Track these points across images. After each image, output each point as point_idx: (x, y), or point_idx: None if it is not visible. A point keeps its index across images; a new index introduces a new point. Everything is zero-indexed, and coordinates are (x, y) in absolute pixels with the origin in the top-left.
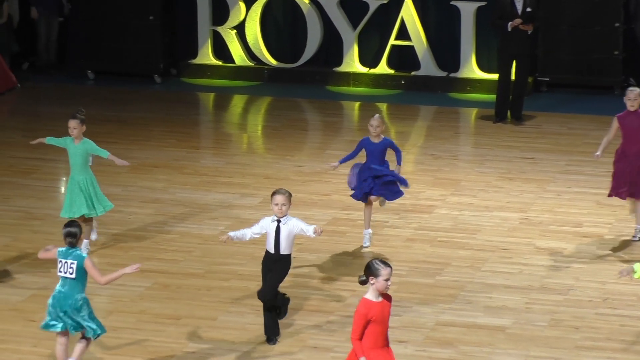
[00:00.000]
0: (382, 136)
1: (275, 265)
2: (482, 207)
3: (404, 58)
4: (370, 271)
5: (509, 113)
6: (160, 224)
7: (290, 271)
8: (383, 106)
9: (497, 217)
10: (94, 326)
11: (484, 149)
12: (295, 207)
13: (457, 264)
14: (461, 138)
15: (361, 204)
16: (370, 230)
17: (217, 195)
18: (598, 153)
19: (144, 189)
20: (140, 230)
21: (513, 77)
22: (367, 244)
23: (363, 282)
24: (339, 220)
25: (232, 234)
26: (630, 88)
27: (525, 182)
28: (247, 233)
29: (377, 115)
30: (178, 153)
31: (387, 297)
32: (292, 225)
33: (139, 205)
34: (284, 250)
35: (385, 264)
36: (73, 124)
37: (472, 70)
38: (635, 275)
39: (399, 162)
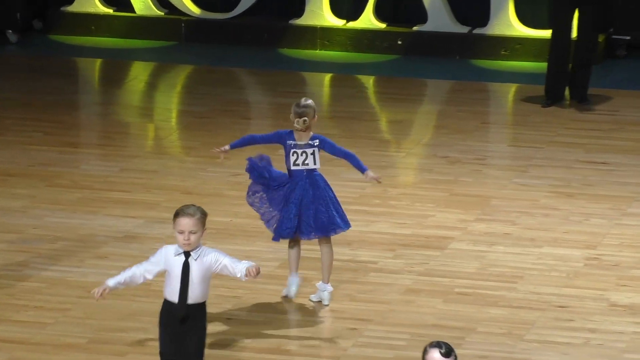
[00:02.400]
0: (311, 133)
1: (185, 325)
2: (525, 239)
3: (401, 5)
4: None
5: (567, 91)
6: (17, 265)
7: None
8: (369, 80)
9: (548, 255)
10: None
11: (527, 148)
12: (230, 238)
13: (487, 329)
14: (492, 131)
15: None
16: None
17: (107, 221)
18: None
19: None
20: None
21: (574, 35)
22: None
23: None
24: (302, 260)
25: (111, 282)
26: None
27: (594, 200)
28: (137, 273)
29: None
30: (46, 154)
31: None
32: (210, 261)
33: None
34: (195, 299)
35: (439, 344)
36: None
37: (509, 24)
38: None
39: (361, 168)
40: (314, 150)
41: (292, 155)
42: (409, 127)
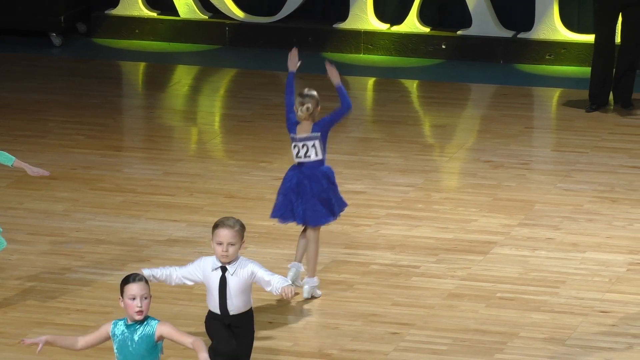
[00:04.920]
0: (312, 124)
1: (234, 332)
2: (567, 244)
3: (445, 9)
4: None
5: (611, 96)
6: (59, 269)
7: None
8: (412, 84)
9: (591, 260)
10: None
11: (571, 152)
12: (272, 242)
13: (529, 334)
14: (535, 135)
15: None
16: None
17: (150, 224)
18: None
19: (35, 213)
20: (27, 278)
21: (618, 39)
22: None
23: None
24: (343, 264)
25: (146, 271)
26: None
27: (638, 205)
28: (175, 275)
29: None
30: (89, 157)
31: None
32: (247, 274)
33: (25, 240)
34: (238, 309)
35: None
36: None
37: (554, 28)
38: None
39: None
40: (314, 143)
41: (294, 148)
42: (452, 132)
